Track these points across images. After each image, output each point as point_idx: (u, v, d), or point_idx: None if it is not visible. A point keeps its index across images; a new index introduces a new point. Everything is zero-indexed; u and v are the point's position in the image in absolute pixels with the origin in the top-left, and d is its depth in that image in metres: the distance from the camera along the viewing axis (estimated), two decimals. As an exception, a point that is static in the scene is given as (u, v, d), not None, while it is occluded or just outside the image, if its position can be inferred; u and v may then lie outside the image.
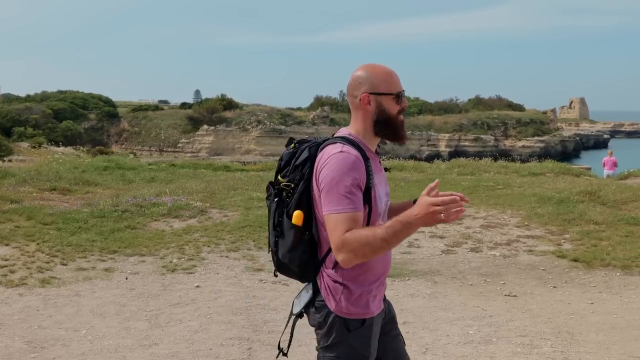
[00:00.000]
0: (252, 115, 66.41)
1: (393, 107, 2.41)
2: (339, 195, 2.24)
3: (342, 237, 2.21)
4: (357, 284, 2.37)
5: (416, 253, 7.99)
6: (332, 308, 2.38)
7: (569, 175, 15.72)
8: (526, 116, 74.94)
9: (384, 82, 2.40)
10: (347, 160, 2.26)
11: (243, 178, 14.08)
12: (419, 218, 2.15)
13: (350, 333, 2.38)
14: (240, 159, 61.48)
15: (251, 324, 5.42)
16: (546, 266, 7.42)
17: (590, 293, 6.50)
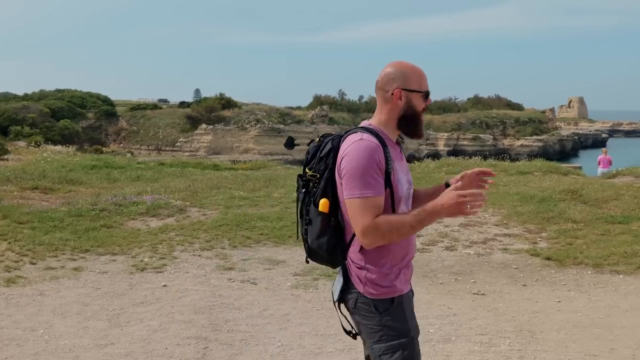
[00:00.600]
0: (250, 115, 66.37)
1: (420, 104, 2.57)
2: (361, 180, 2.38)
3: (374, 222, 2.37)
4: (379, 267, 2.48)
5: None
6: (361, 290, 2.50)
7: (556, 174, 15.66)
8: (525, 115, 74.88)
9: (416, 80, 2.55)
10: (367, 147, 2.41)
11: (229, 177, 14.05)
12: (445, 207, 2.36)
13: (383, 314, 2.48)
14: (239, 158, 61.40)
15: (212, 323, 5.39)
16: (519, 265, 7.39)
17: (559, 291, 6.48)
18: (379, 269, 2.49)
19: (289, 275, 6.89)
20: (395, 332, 2.48)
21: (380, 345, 2.49)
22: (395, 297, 2.51)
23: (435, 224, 9.37)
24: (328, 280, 6.66)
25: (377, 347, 2.50)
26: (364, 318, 2.51)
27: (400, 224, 2.39)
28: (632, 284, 6.65)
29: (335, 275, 2.67)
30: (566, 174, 15.81)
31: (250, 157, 62.07)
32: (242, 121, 65.08)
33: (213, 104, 67.45)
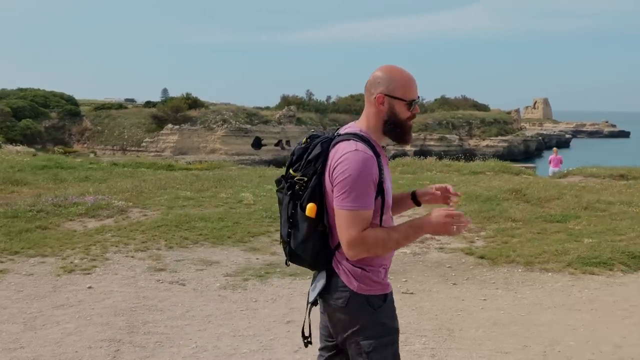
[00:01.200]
0: (217, 115, 65.98)
1: (404, 113, 2.54)
2: (354, 193, 2.37)
3: (361, 235, 2.37)
4: (372, 265, 2.51)
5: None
6: (355, 288, 2.49)
7: (508, 173, 15.86)
8: (490, 116, 75.80)
9: (400, 88, 2.52)
10: (363, 160, 2.39)
11: (179, 177, 13.92)
12: (432, 225, 2.42)
13: (376, 311, 2.50)
14: (205, 158, 60.92)
15: (129, 325, 5.30)
16: (452, 263, 7.44)
17: (487, 289, 6.53)
18: (372, 267, 2.51)
19: (220, 276, 6.83)
20: (385, 329, 2.53)
21: (370, 342, 2.51)
22: (387, 293, 2.57)
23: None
24: (258, 281, 6.63)
25: (367, 343, 2.51)
26: (356, 316, 2.51)
27: (386, 239, 2.42)
28: (559, 281, 6.74)
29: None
30: (517, 174, 16.02)
31: (216, 157, 61.69)
32: (209, 121, 64.66)
33: (179, 104, 66.89)
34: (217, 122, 64.72)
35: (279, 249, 7.97)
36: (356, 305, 2.50)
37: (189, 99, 69.04)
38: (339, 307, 2.52)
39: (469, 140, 72.01)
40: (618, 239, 8.08)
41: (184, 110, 65.70)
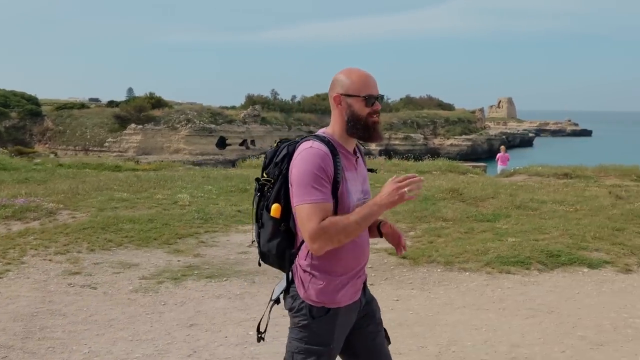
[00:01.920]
0: (181, 114, 65.43)
1: (362, 109, 2.56)
2: (309, 186, 2.41)
3: (320, 226, 2.38)
4: (325, 274, 2.54)
5: (253, 253, 7.84)
6: (302, 295, 2.56)
7: (455, 172, 15.99)
8: (454, 115, 76.56)
9: (354, 85, 2.56)
10: (314, 154, 2.45)
11: (122, 178, 13.72)
12: (385, 197, 2.43)
13: (315, 320, 2.55)
14: (169, 158, 60.48)
15: (26, 330, 5.19)
16: (374, 264, 7.43)
17: (403, 290, 6.54)
18: (326, 276, 2.55)
19: (136, 279, 6.73)
20: (317, 338, 2.57)
21: (298, 344, 2.58)
22: (332, 308, 2.57)
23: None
24: (172, 284, 6.55)
25: (295, 345, 2.59)
26: (297, 317, 2.59)
27: (346, 223, 2.41)
28: (474, 280, 6.79)
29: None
30: (464, 173, 16.15)
31: (181, 157, 61.22)
32: (173, 121, 64.09)
33: (142, 104, 66.20)
34: (181, 121, 64.20)
35: (204, 250, 7.93)
36: (300, 309, 2.58)
37: (153, 99, 68.38)
38: (289, 306, 2.62)
39: (434, 140, 72.65)
40: (541, 238, 8.18)
41: (148, 110, 65.04)
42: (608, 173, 16.45)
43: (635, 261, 7.41)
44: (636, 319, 5.70)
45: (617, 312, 5.85)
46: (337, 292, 2.57)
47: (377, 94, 2.61)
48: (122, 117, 64.70)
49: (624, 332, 5.34)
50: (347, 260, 2.58)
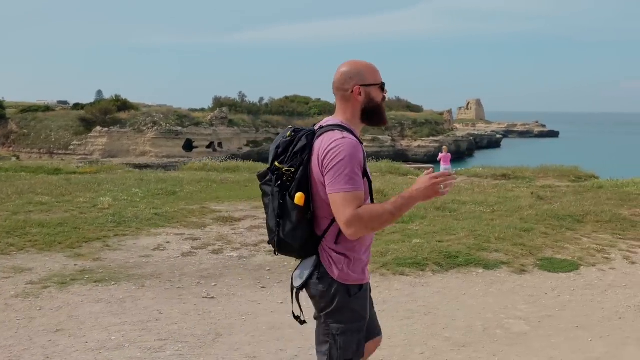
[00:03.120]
0: (147, 117, 65.01)
1: (379, 96, 2.77)
2: (346, 176, 2.52)
3: (356, 212, 2.51)
4: (354, 253, 2.71)
5: (156, 256, 7.79)
6: (335, 277, 2.69)
7: (395, 174, 16.04)
8: (422, 117, 77.04)
9: (371, 75, 2.75)
10: (350, 144, 2.57)
11: (51, 182, 13.53)
12: (420, 191, 2.55)
13: (351, 298, 2.71)
14: (135, 160, 60.04)
15: None
16: (274, 267, 7.40)
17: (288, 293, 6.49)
18: (355, 255, 2.71)
19: (22, 283, 6.59)
20: (355, 315, 2.73)
21: (339, 326, 2.72)
22: (364, 284, 2.78)
23: (222, 226, 9.37)
24: (56, 289, 6.42)
25: (336, 327, 2.72)
26: (332, 300, 2.71)
27: (381, 212, 2.53)
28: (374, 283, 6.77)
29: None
30: (405, 175, 16.21)
31: (147, 160, 60.82)
32: (139, 123, 63.68)
33: (108, 106, 65.63)
34: (147, 124, 63.82)
35: (106, 254, 7.82)
36: (335, 291, 2.70)
37: (119, 101, 67.85)
38: (319, 292, 2.74)
39: (401, 141, 73.06)
40: (446, 239, 8.22)
41: (113, 113, 64.57)
42: (547, 174, 16.65)
43: (532, 262, 7.47)
44: (512, 319, 5.74)
45: (495, 313, 5.88)
46: (363, 271, 2.78)
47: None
48: (87, 120, 64.12)
49: (493, 333, 5.37)
50: (366, 244, 2.78)
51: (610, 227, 9.22)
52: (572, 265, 7.35)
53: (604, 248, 8.05)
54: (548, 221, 9.39)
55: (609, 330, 5.48)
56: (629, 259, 7.63)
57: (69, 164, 47.87)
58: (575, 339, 5.30)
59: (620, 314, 5.90)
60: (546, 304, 6.17)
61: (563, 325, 5.60)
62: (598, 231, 8.99)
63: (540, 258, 7.57)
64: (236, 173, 16.33)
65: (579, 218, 9.67)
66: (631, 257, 7.70)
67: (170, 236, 8.71)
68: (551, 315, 5.85)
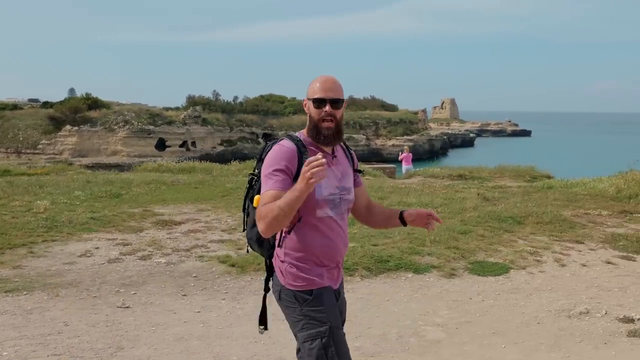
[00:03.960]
0: (119, 115, 64.28)
1: (314, 112, 2.73)
2: (266, 177, 2.61)
3: (259, 209, 2.56)
4: (300, 261, 2.71)
5: (80, 263, 7.54)
6: (282, 282, 2.73)
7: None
8: (396, 116, 77.25)
9: (311, 89, 2.75)
10: (279, 151, 2.66)
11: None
12: (298, 184, 2.47)
13: (302, 305, 2.68)
14: (106, 160, 59.36)
15: None
16: (200, 273, 7.22)
17: (213, 300, 6.33)
18: (297, 262, 2.70)
19: None
20: (314, 322, 2.67)
21: (302, 333, 2.71)
22: (313, 289, 2.70)
23: (159, 230, 9.16)
24: (-36, 299, 6.18)
25: (300, 335, 2.72)
26: (287, 308, 2.73)
27: (273, 206, 2.51)
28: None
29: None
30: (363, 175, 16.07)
31: (118, 159, 60.11)
32: (110, 122, 62.93)
33: (78, 104, 64.72)
34: (119, 123, 63.09)
35: (28, 262, 7.55)
36: (285, 299, 2.73)
37: (89, 99, 66.98)
38: (276, 300, 2.79)
39: (376, 140, 73.17)
40: (381, 243, 8.11)
41: (84, 111, 63.70)
42: (503, 174, 16.65)
43: (463, 265, 7.39)
44: (429, 326, 5.63)
45: (414, 320, 5.76)
46: (314, 275, 2.72)
47: (330, 97, 2.70)
48: (56, 119, 63.18)
49: (406, 342, 5.25)
50: (316, 251, 2.73)
51: (549, 228, 9.18)
52: (503, 268, 7.27)
53: (537, 250, 7.99)
54: (488, 223, 9.32)
55: (525, 336, 5.40)
56: (560, 262, 7.57)
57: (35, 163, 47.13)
58: (489, 345, 5.20)
59: (539, 318, 5.82)
60: (468, 309, 6.07)
61: (480, 332, 5.50)
62: (536, 233, 8.94)
63: (472, 261, 7.48)
64: (191, 174, 16.08)
65: (519, 219, 9.62)
66: (562, 260, 7.65)
67: (102, 241, 8.48)
68: (470, 321, 5.75)
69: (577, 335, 5.41)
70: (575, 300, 6.28)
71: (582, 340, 5.29)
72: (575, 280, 6.93)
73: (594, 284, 6.79)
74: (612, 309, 5.98)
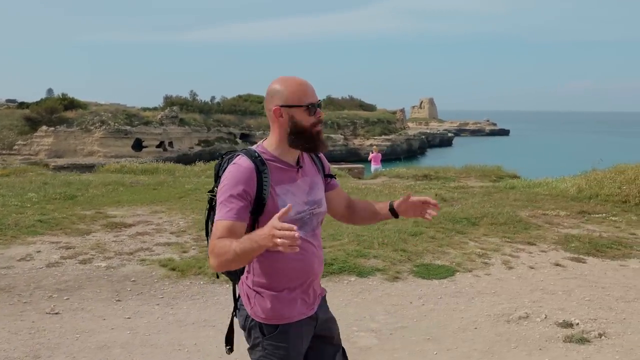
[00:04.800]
0: (95, 116, 63.71)
1: (306, 119, 2.43)
2: (222, 204, 2.34)
3: (212, 243, 2.30)
4: (269, 290, 2.46)
5: (17, 267, 7.30)
6: (249, 312, 2.50)
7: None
8: (374, 116, 77.34)
9: (294, 94, 2.41)
10: (236, 171, 2.37)
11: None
12: (263, 239, 2.12)
13: (266, 337, 2.48)
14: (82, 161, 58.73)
15: None
16: (140, 277, 7.03)
17: (146, 306, 6.15)
18: (270, 292, 2.47)
19: None
20: (272, 357, 2.49)
21: None
22: (281, 324, 2.49)
23: (105, 233, 8.95)
24: None
25: None
26: (250, 336, 2.53)
27: (227, 248, 2.23)
28: (228, 293, 6.46)
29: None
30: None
31: (94, 159, 59.45)
32: (86, 123, 62.33)
33: (54, 105, 64.05)
34: (95, 123, 62.54)
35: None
36: (251, 327, 2.52)
37: (65, 100, 66.34)
38: (240, 324, 2.57)
39: (354, 140, 73.17)
40: (329, 245, 7.96)
41: (60, 112, 63.07)
42: (470, 174, 16.60)
43: (408, 268, 7.26)
44: (363, 332, 5.50)
45: (348, 325, 5.61)
46: (284, 307, 2.49)
47: (318, 101, 2.48)
48: (32, 119, 62.48)
49: (336, 348, 5.10)
50: (290, 275, 2.50)
51: (503, 229, 9.10)
52: (449, 271, 7.16)
53: (486, 252, 7.90)
54: (442, 224, 9.22)
55: (459, 342, 5.28)
56: (508, 264, 7.47)
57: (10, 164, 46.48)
58: (420, 352, 5.08)
59: (477, 323, 5.70)
60: (406, 314, 5.94)
61: (415, 338, 5.38)
62: (489, 234, 8.85)
63: (418, 264, 7.36)
64: (154, 175, 15.85)
65: (474, 220, 9.53)
66: (510, 262, 7.55)
67: (45, 245, 8.25)
68: (406, 327, 5.62)
69: (513, 340, 5.30)
70: (517, 304, 6.17)
71: (517, 347, 5.18)
72: (521, 283, 6.83)
73: (539, 287, 6.70)
74: (553, 313, 5.88)
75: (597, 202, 11.39)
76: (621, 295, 6.39)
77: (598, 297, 6.33)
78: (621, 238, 8.78)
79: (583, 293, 6.47)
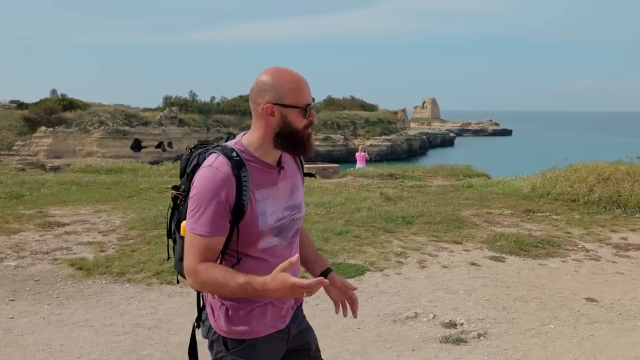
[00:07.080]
0: (94, 116, 63.94)
1: (299, 121, 2.13)
2: (197, 213, 2.06)
3: (196, 267, 2.05)
4: (237, 302, 2.21)
5: None
6: (213, 325, 2.27)
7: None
8: (375, 116, 77.18)
9: (291, 93, 2.10)
10: (212, 176, 2.06)
11: None
12: (277, 292, 1.95)
13: (230, 351, 2.24)
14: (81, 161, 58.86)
15: None
16: (44, 276, 6.93)
17: (37, 306, 6.04)
18: (236, 304, 2.21)
19: None
20: None
21: None
22: (247, 339, 2.24)
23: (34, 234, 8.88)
24: None
25: None
26: (212, 349, 2.30)
27: (222, 283, 2.02)
28: (124, 293, 6.36)
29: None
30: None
31: (93, 160, 59.65)
32: (85, 123, 62.59)
33: (53, 105, 64.36)
34: (94, 124, 62.76)
35: None
36: (213, 340, 2.29)
37: (64, 100, 66.67)
38: (203, 335, 2.34)
39: (354, 140, 73.02)
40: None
41: (59, 112, 63.36)
42: (437, 173, 16.45)
43: (319, 267, 7.13)
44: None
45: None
46: (251, 320, 2.23)
47: (313, 99, 2.18)
48: (31, 120, 62.81)
49: (204, 348, 4.99)
50: None
51: (435, 228, 8.96)
52: (359, 270, 7.03)
53: (406, 251, 7.76)
54: (374, 223, 9.09)
55: (336, 343, 5.16)
56: (422, 263, 7.34)
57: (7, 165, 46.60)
58: (290, 353, 4.95)
59: (363, 323, 5.58)
60: (296, 314, 5.81)
61: (293, 338, 5.25)
62: (418, 233, 8.71)
63: (330, 264, 7.22)
64: (118, 174, 15.80)
65: (410, 219, 9.39)
66: (426, 261, 7.41)
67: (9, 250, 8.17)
68: (289, 327, 5.49)
69: (390, 341, 5.18)
70: (413, 304, 6.04)
71: (391, 347, 5.06)
72: (427, 282, 6.69)
73: (443, 286, 6.56)
74: (443, 313, 5.75)
75: (546, 201, 11.22)
76: (522, 295, 6.25)
77: (497, 297, 6.19)
78: (553, 237, 8.62)
79: (484, 292, 6.33)
